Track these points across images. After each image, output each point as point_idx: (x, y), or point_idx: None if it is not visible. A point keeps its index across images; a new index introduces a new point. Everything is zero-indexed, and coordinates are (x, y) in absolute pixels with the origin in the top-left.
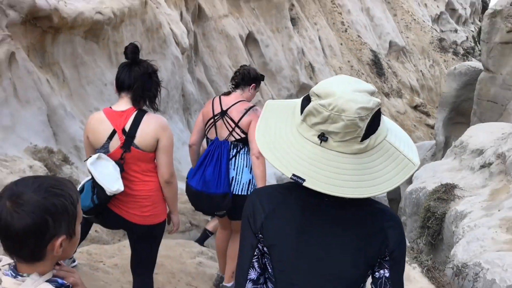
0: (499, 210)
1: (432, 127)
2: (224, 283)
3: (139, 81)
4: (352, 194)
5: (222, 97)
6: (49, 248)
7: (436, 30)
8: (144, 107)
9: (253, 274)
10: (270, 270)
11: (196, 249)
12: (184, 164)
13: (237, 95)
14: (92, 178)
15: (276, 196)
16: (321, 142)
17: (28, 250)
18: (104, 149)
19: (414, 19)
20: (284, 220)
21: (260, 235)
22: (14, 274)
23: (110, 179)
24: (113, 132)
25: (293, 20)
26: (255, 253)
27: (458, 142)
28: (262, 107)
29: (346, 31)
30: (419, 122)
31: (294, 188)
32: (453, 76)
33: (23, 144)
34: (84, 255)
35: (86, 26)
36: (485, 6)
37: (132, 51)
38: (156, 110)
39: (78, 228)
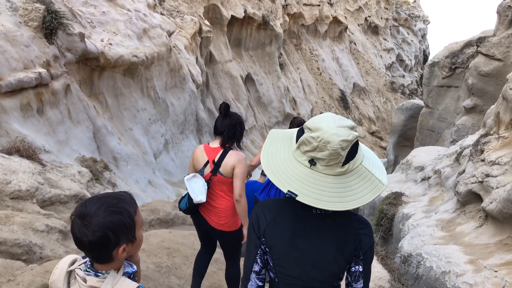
0: (435, 213)
1: (384, 148)
2: None
3: (227, 129)
4: (334, 208)
5: None
6: (114, 253)
7: (388, 75)
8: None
9: (256, 267)
10: (271, 264)
11: None
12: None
13: None
14: None
15: (275, 208)
16: (310, 166)
17: (99, 256)
18: (201, 172)
19: (372, 67)
20: (281, 227)
21: (263, 239)
22: (94, 273)
23: (198, 192)
24: (207, 161)
25: (281, 65)
26: (258, 251)
27: (404, 160)
28: (258, 132)
29: (320, 74)
30: (375, 144)
31: (289, 201)
32: (401, 110)
33: (74, 154)
34: None
35: (125, 65)
36: (425, 58)
37: (224, 108)
38: (240, 148)
39: (140, 233)
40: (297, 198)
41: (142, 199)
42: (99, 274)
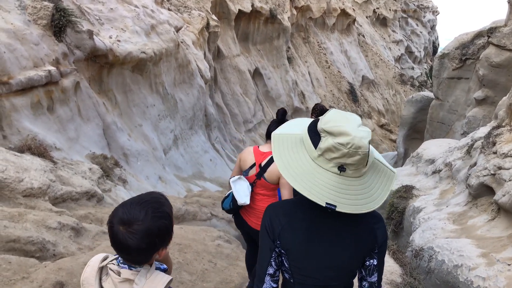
0: (446, 206)
1: (394, 141)
2: None
3: None
4: (370, 209)
5: None
6: (154, 255)
7: (397, 67)
8: None
9: (271, 270)
10: (286, 266)
11: (215, 233)
12: (205, 167)
13: None
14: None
15: (289, 210)
16: (340, 172)
17: (139, 260)
18: (246, 172)
19: (381, 59)
20: (297, 229)
21: (278, 242)
22: (128, 266)
23: (242, 195)
24: (254, 164)
25: (289, 59)
26: (273, 254)
27: (415, 153)
28: (266, 127)
29: (329, 67)
30: (384, 137)
31: (302, 202)
32: (411, 102)
33: (85, 151)
34: None
35: (133, 62)
36: (435, 50)
37: (282, 113)
38: None
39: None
40: (337, 209)
41: None
42: (133, 268)
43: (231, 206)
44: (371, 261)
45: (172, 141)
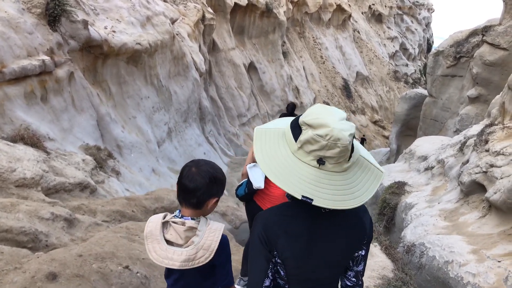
0: (438, 203)
1: (387, 137)
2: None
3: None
4: (351, 205)
5: None
6: (207, 203)
7: (392, 64)
8: None
9: (267, 282)
10: (282, 274)
11: None
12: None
13: None
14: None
15: (283, 218)
16: (319, 166)
17: (198, 201)
18: None
19: (376, 55)
20: (294, 237)
21: (275, 252)
22: (190, 218)
23: (257, 179)
24: None
25: (284, 54)
26: (270, 265)
27: (407, 150)
28: (260, 121)
29: (324, 63)
30: (377, 133)
31: (294, 206)
32: (404, 99)
33: (78, 142)
34: (124, 229)
35: (128, 53)
36: (429, 47)
37: (292, 107)
38: None
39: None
40: (313, 203)
41: (146, 187)
42: (194, 219)
43: (246, 192)
44: (360, 252)
45: (166, 134)
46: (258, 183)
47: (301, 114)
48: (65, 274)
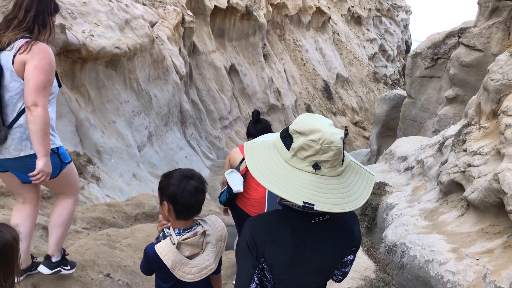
0: (418, 203)
1: (367, 138)
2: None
3: (261, 132)
4: (350, 208)
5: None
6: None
7: (371, 65)
8: None
9: (253, 286)
10: (269, 278)
11: None
12: (181, 164)
13: None
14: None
15: (271, 225)
16: (316, 171)
17: (199, 206)
18: (237, 168)
19: (355, 57)
20: (282, 245)
21: (262, 258)
22: (194, 226)
23: (236, 184)
24: (243, 159)
25: (265, 56)
26: (256, 271)
27: (388, 150)
28: (242, 123)
29: (304, 65)
30: (358, 134)
31: (283, 214)
32: (384, 100)
33: None
34: (105, 236)
35: (107, 57)
36: (407, 49)
37: (257, 114)
38: None
39: None
40: (315, 208)
41: (127, 193)
42: (196, 225)
43: (227, 197)
44: (349, 257)
45: (146, 138)
46: (237, 187)
47: (288, 125)
48: (44, 284)
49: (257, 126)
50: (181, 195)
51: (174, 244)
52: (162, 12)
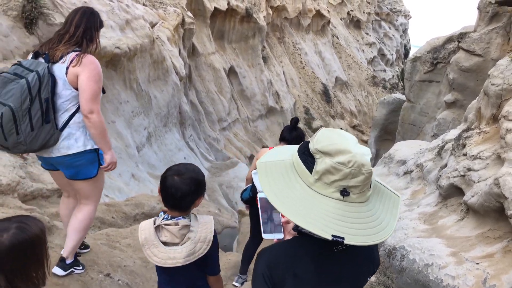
0: (418, 207)
1: (366, 142)
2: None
3: (294, 140)
4: (383, 238)
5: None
6: (194, 203)
7: (370, 69)
8: None
9: None
10: None
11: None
12: None
13: None
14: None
15: (289, 259)
16: (343, 197)
17: (187, 204)
18: None
19: (354, 61)
20: (304, 280)
21: None
22: (182, 217)
23: None
24: None
25: (264, 58)
26: None
27: (386, 154)
28: (240, 125)
29: (303, 68)
30: (356, 138)
31: (301, 244)
32: (383, 104)
33: None
34: (104, 236)
35: (107, 57)
36: (406, 53)
37: (296, 121)
38: None
39: None
40: (346, 242)
41: (126, 193)
42: (185, 217)
43: (251, 195)
44: (368, 278)
45: (145, 139)
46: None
47: (308, 141)
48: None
49: (293, 133)
50: (164, 186)
51: (155, 225)
52: (162, 13)
